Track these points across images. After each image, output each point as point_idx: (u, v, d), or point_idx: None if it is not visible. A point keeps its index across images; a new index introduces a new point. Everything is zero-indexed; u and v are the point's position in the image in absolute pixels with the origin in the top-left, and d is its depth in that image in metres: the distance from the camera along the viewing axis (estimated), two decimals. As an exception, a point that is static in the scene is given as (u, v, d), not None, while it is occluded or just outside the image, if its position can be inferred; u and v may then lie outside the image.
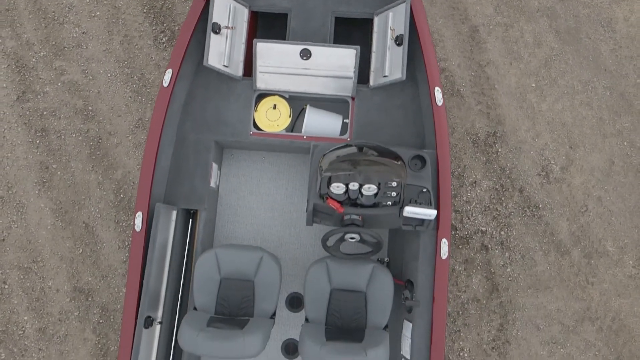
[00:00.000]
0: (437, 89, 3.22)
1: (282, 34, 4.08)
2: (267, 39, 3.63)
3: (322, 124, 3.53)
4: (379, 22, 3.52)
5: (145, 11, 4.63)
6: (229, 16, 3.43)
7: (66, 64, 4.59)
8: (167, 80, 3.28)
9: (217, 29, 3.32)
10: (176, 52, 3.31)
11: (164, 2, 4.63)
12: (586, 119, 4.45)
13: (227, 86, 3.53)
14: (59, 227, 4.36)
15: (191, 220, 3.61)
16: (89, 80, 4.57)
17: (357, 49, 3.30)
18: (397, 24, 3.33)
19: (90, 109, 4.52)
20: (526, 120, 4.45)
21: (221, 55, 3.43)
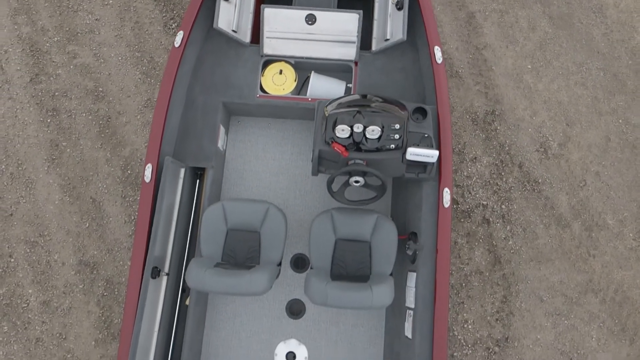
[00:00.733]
0: (436, 47, 3.36)
1: (288, 1, 4.25)
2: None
3: (326, 89, 3.67)
4: None
5: (156, -2, 4.85)
6: None
7: (79, 49, 4.77)
8: (178, 41, 3.43)
9: (227, -5, 3.50)
10: (188, 15, 3.47)
11: (174, -10, 4.86)
12: (581, 98, 4.59)
13: (236, 52, 3.68)
14: (66, 202, 4.42)
15: (198, 181, 3.69)
16: (100, 63, 4.73)
17: (359, 13, 3.48)
18: None
19: (100, 90, 4.66)
20: (523, 99, 4.59)
21: (230, 21, 3.60)
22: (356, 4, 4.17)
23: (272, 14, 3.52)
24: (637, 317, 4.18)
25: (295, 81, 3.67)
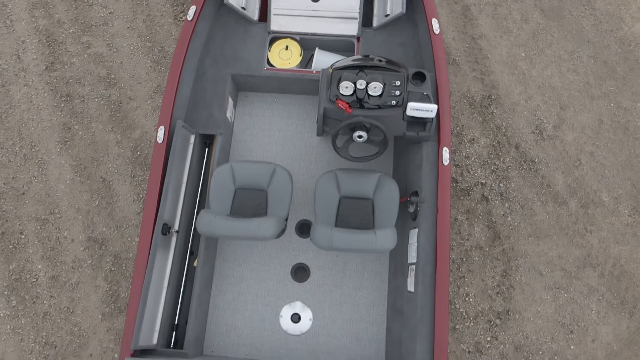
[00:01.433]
0: (434, 20, 3.57)
1: None
2: None
3: (330, 63, 3.86)
4: None
5: (167, -7, 5.11)
6: None
7: (93, 39, 5.00)
8: (191, 14, 3.64)
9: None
10: (199, -9, 3.70)
11: (184, -15, 5.12)
12: (574, 83, 4.79)
13: (244, 29, 3.89)
14: (77, 182, 4.56)
15: (207, 149, 3.84)
16: (112, 52, 4.95)
17: None
18: None
19: (112, 77, 4.86)
20: (518, 84, 4.78)
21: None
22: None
23: (279, -8, 3.75)
24: (636, 291, 4.25)
25: (300, 56, 3.86)
